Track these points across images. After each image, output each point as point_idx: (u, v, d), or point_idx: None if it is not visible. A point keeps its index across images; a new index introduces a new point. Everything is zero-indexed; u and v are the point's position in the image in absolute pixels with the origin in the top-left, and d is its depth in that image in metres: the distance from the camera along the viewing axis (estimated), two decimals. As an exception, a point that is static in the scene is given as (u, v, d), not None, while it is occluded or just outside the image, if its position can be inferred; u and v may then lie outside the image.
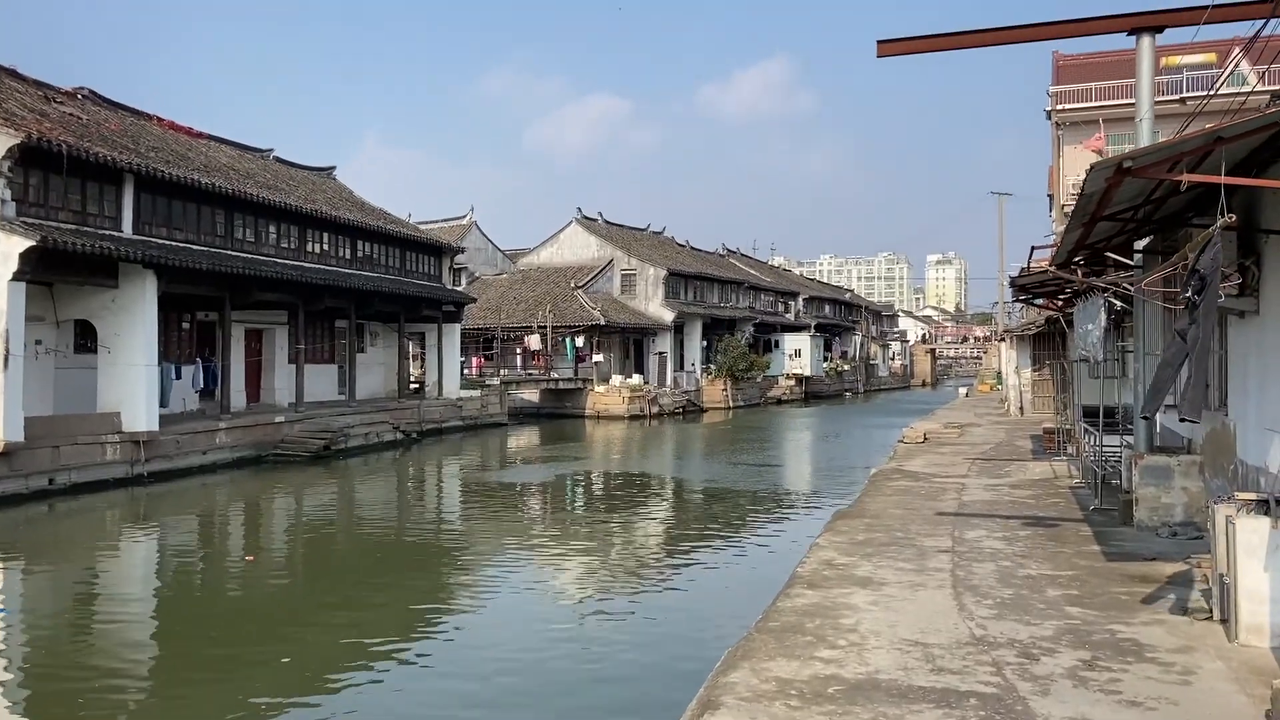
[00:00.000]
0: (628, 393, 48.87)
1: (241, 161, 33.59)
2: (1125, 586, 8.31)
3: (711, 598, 12.32)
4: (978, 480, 15.79)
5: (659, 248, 63.32)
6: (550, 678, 9.20)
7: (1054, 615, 7.37)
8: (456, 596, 13.15)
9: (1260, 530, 6.41)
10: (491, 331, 50.71)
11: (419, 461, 31.14)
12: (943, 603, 7.78)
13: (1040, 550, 9.94)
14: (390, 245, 37.40)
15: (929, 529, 11.23)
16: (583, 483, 25.84)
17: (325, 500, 23.30)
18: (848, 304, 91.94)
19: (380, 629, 11.08)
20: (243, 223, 29.26)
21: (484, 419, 41.62)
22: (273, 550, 17.63)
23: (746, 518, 19.09)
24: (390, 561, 15.77)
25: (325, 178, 39.97)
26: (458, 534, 18.66)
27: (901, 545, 10.24)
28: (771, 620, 7.32)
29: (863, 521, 11.75)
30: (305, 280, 29.96)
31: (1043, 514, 12.29)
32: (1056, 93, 39.86)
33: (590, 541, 16.73)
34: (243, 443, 27.55)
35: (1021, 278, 15.87)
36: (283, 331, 32.88)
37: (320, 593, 13.74)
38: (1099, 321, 12.24)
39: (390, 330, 39.22)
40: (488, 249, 61.19)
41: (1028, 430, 25.82)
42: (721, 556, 14.82)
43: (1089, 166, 6.16)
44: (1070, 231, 8.66)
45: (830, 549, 10.10)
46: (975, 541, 10.43)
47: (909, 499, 13.68)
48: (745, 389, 58.97)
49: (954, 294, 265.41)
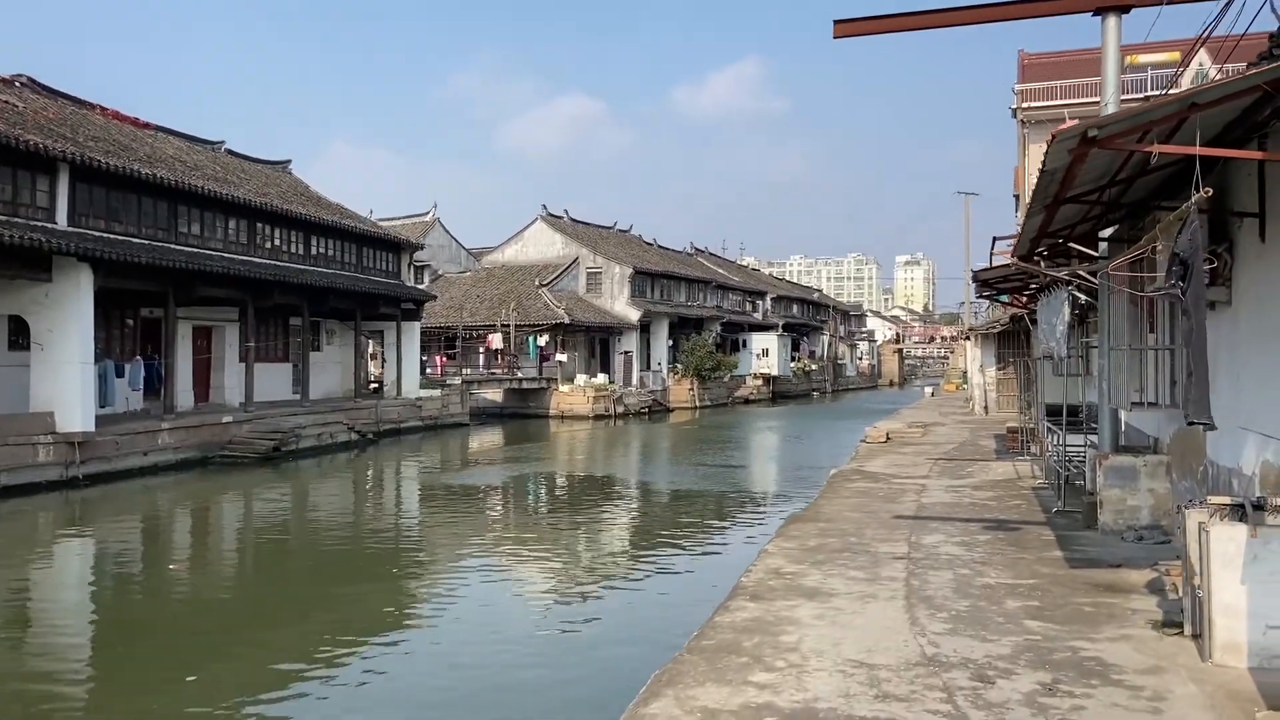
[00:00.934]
0: (592, 392, 48.16)
1: (190, 153, 32.54)
2: (1089, 597, 7.74)
3: (655, 609, 11.57)
4: (939, 481, 15.25)
5: (625, 246, 62.66)
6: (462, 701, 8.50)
7: (1013, 630, 6.78)
8: (398, 610, 12.40)
9: (1237, 538, 5.84)
10: (454, 330, 49.81)
11: (374, 463, 30.26)
12: (894, 616, 7.16)
13: (1000, 556, 9.37)
14: (346, 241, 36.44)
15: (885, 533, 10.64)
16: (542, 486, 25.12)
17: (271, 504, 22.42)
18: (816, 304, 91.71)
19: (304, 648, 10.33)
20: (188, 216, 28.26)
21: (445, 419, 40.74)
22: (206, 557, 16.78)
23: (704, 521, 18.44)
24: (330, 569, 14.99)
25: (280, 171, 38.95)
26: (407, 540, 17.89)
27: (855, 552, 9.63)
28: (706, 638, 6.66)
29: (816, 526, 11.14)
30: (255, 276, 29.00)
31: (1004, 517, 11.74)
32: (1022, 91, 39.63)
33: (544, 549, 16.01)
34: (187, 444, 26.57)
35: (984, 272, 15.35)
36: (233, 329, 31.91)
37: (253, 603, 12.95)
38: (1062, 316, 11.72)
39: (348, 328, 38.27)
40: (451, 246, 60.27)
41: (991, 429, 25.40)
42: (673, 563, 14.09)
43: (1051, 136, 5.56)
44: (1031, 217, 8.09)
45: (779, 556, 9.47)
46: (933, 547, 9.84)
47: (867, 501, 13.10)
48: (712, 389, 58.42)
49: (922, 294, 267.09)
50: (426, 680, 9.07)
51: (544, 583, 13.23)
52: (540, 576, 13.68)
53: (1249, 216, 7.15)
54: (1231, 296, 7.88)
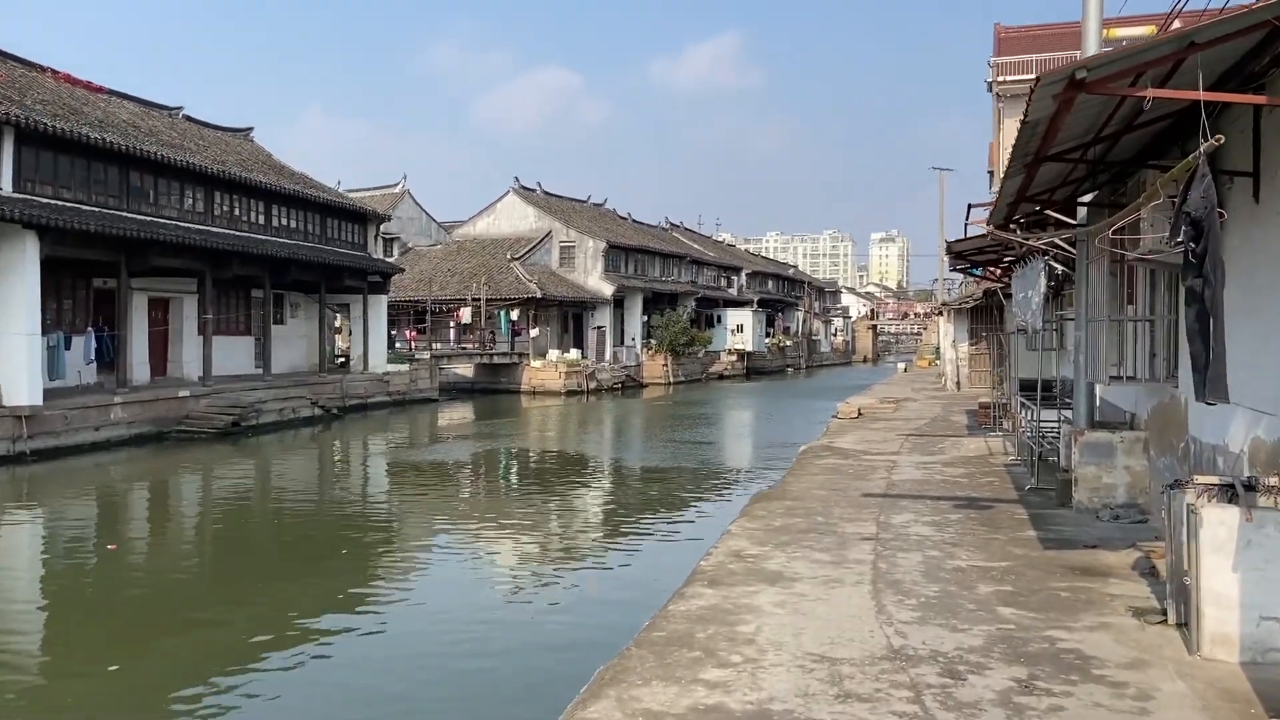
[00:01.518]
0: (565, 368, 47.57)
1: (145, 119, 31.47)
2: (1066, 581, 7.30)
3: (616, 591, 11.03)
4: (909, 458, 14.83)
5: (599, 220, 61.89)
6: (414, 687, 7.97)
7: (985, 618, 6.31)
8: (344, 595, 11.83)
9: (1229, 522, 5.38)
10: (424, 304, 48.97)
11: (337, 439, 29.59)
12: (860, 603, 6.69)
13: (972, 537, 8.92)
14: (310, 211, 35.49)
15: (853, 513, 10.18)
16: (508, 463, 24.56)
17: (227, 480, 21.74)
18: (791, 280, 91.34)
19: (249, 631, 9.76)
20: (141, 183, 27.29)
21: (413, 394, 40.03)
22: (155, 535, 16.13)
23: (672, 499, 17.94)
24: (284, 549, 14.41)
25: (241, 139, 37.87)
26: (365, 519, 17.29)
27: (821, 532, 9.15)
28: (657, 629, 6.15)
29: (782, 504, 10.67)
30: (212, 246, 28.12)
31: (976, 495, 11.32)
32: (998, 64, 39.13)
33: (506, 530, 15.45)
34: (142, 419, 25.76)
35: (958, 243, 14.86)
36: (192, 301, 31.02)
37: (203, 584, 12.33)
38: (1038, 287, 11.24)
39: (313, 301, 37.38)
40: (421, 219, 59.30)
41: (963, 405, 25.07)
42: (637, 544, 13.56)
43: (1035, 79, 5.03)
44: (1010, 178, 7.58)
45: (742, 537, 8.98)
46: (902, 527, 9.39)
47: (836, 479, 12.65)
48: (686, 364, 57.96)
49: (897, 271, 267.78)
50: (362, 673, 8.54)
51: (504, 566, 12.70)
52: (500, 559, 13.15)
53: (1241, 176, 6.67)
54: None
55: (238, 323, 34.69)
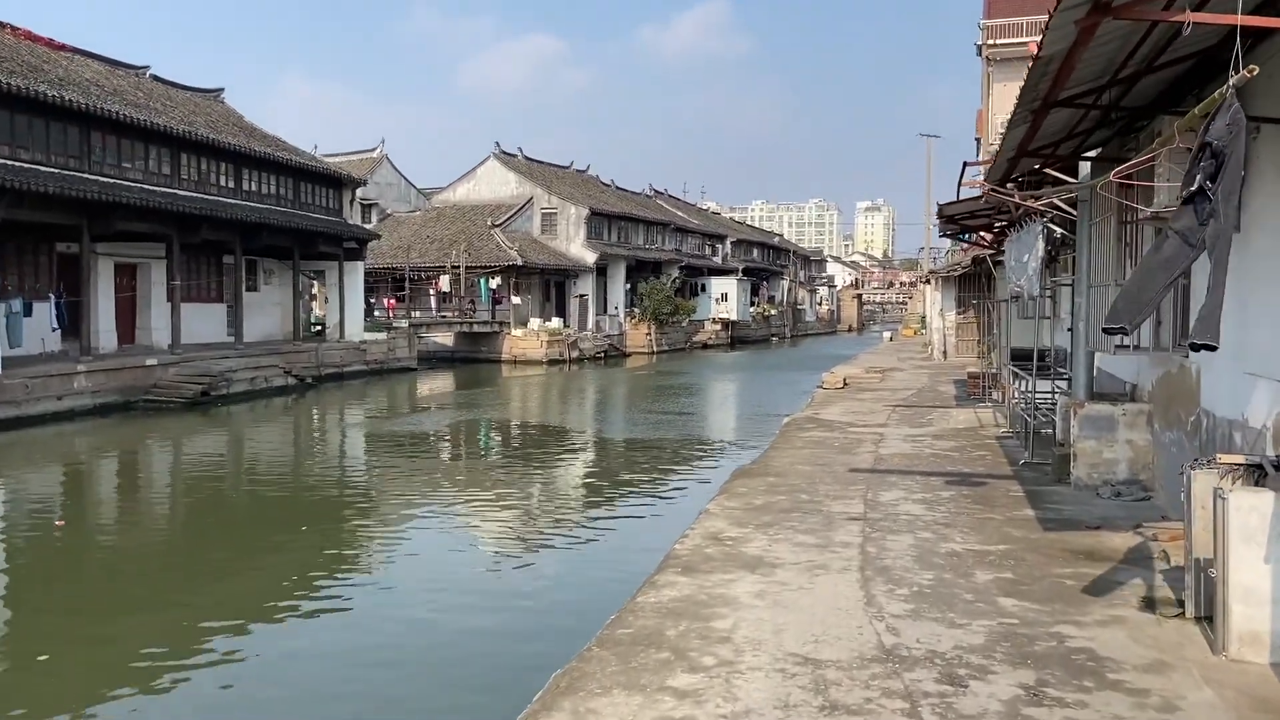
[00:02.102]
0: (546, 336, 46.85)
1: (110, 78, 30.38)
2: (1070, 566, 6.73)
3: (579, 578, 10.32)
4: (897, 430, 14.27)
5: (582, 186, 60.91)
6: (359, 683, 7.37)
7: (985, 611, 5.74)
8: (295, 577, 11.21)
9: (1261, 508, 4.80)
10: (402, 271, 48.04)
11: (310, 409, 28.87)
12: (847, 593, 6.10)
13: (965, 517, 8.35)
14: (282, 174, 34.51)
15: (839, 489, 9.59)
16: (485, 435, 23.91)
17: (194, 451, 21.03)
18: (776, 248, 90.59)
19: (208, 613, 9.13)
20: (104, 144, 26.34)
21: (391, 363, 39.28)
22: (102, 513, 15.44)
23: (651, 473, 17.29)
24: (249, 523, 13.75)
25: (211, 100, 36.76)
26: (333, 493, 16.64)
27: (805, 512, 8.56)
28: (623, 624, 5.55)
29: (765, 481, 10.07)
30: (178, 209, 27.18)
31: (968, 470, 10.76)
32: (988, 26, 38.30)
33: (477, 506, 14.81)
34: (107, 388, 24.97)
35: (950, 206, 14.21)
36: (161, 266, 30.10)
37: (163, 561, 11.67)
38: (1035, 251, 10.63)
39: (287, 268, 36.49)
40: (400, 184, 58.19)
41: (951, 375, 24.55)
42: (612, 524, 12.84)
43: (1055, 4, 4.37)
44: (1014, 127, 6.93)
45: (720, 517, 8.39)
46: (891, 505, 8.81)
47: (821, 452, 12.06)
48: (670, 333, 57.30)
49: (882, 240, 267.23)
50: (315, 663, 7.94)
51: (472, 546, 12.09)
52: (469, 539, 12.54)
53: (1270, 123, 6.04)
54: (1240, 220, 6.78)
55: (209, 289, 33.82)
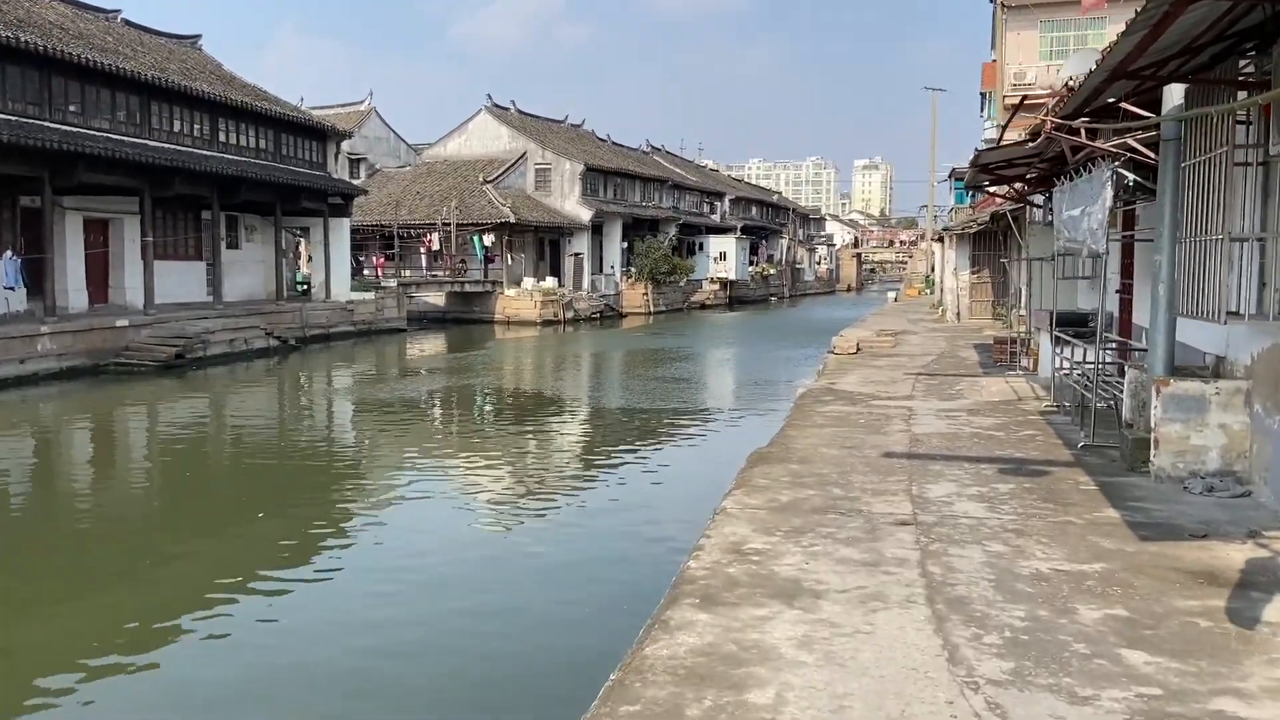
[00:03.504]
0: (540, 297, 45.33)
1: (77, 21, 28.58)
2: (1192, 596, 5.35)
3: (570, 609, 8.59)
4: (926, 403, 12.87)
5: (577, 141, 59.00)
6: None
7: (1112, 674, 4.36)
8: (248, 568, 9.85)
9: None
10: (391, 228, 46.34)
11: (293, 372, 27.43)
12: (920, 641, 4.72)
13: (1038, 519, 6.98)
14: (263, 126, 32.79)
15: (877, 480, 8.21)
16: (471, 406, 22.49)
17: (162, 418, 19.66)
18: (775, 206, 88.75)
19: (172, 594, 7.77)
20: (66, 90, 24.66)
21: (380, 324, 37.81)
22: (54, 485, 14.05)
23: (653, 455, 15.70)
24: (216, 497, 12.39)
25: (187, 47, 34.89)
26: (300, 468, 15.27)
27: (843, 512, 7.18)
28: (627, 698, 4.14)
29: (788, 469, 8.68)
30: (148, 161, 25.55)
31: (1020, 454, 9.38)
32: (1004, -29, 36.31)
33: (448, 500, 13.49)
34: (74, 350, 23.53)
35: (989, 152, 12.69)
36: (134, 222, 28.46)
37: (96, 545, 10.30)
38: (1102, 200, 9.16)
39: (270, 224, 34.85)
40: (390, 139, 56.26)
41: (968, 338, 23.15)
42: (608, 521, 11.24)
43: None
44: (1129, 34, 5.43)
45: (741, 519, 7.00)
46: (944, 504, 7.43)
47: (846, 431, 10.67)
48: (667, 294, 55.77)
49: (880, 199, 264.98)
50: (248, 666, 6.60)
51: (457, 545, 10.76)
52: (455, 535, 11.20)
53: None
54: None
55: (187, 247, 32.23)
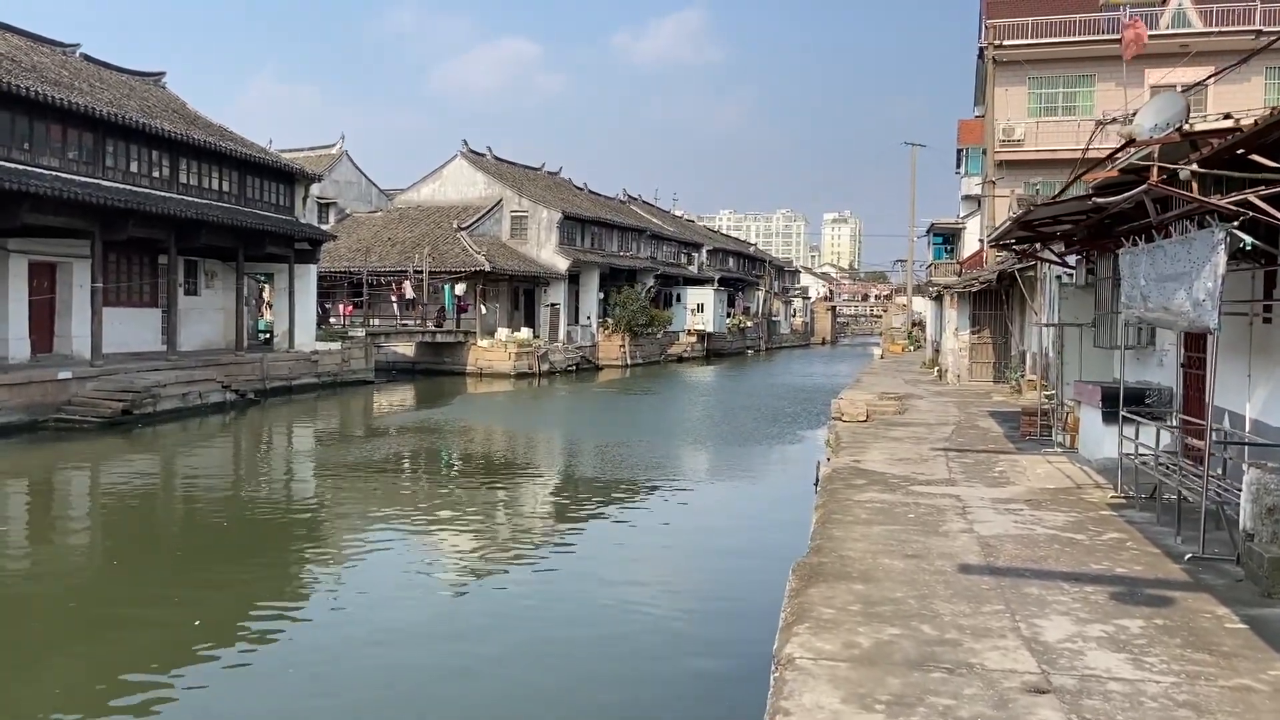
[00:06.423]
0: (515, 348, 43.72)
1: (30, 53, 26.93)
2: None
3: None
4: (973, 489, 11.31)
5: (554, 189, 57.81)
6: None
7: None
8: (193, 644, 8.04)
9: None
10: (360, 276, 44.62)
11: (250, 429, 25.54)
12: None
13: (1205, 683, 5.36)
14: (226, 166, 31.16)
15: (969, 611, 6.58)
16: (427, 475, 20.74)
17: (102, 483, 17.77)
18: (752, 258, 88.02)
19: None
20: (13, 125, 22.93)
21: (346, 376, 35.98)
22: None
23: (663, 562, 13.99)
24: (149, 571, 10.53)
25: (150, 84, 33.30)
26: (244, 543, 13.42)
27: (949, 668, 5.53)
28: None
29: (851, 591, 7.04)
30: (99, 201, 23.81)
31: (1122, 570, 7.80)
32: (993, 26, 35.67)
33: (385, 577, 11.74)
34: (9, 405, 21.59)
35: (1044, 206, 11.26)
36: (84, 266, 26.64)
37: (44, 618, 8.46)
38: (1213, 266, 7.72)
39: (231, 270, 33.05)
40: (361, 183, 54.77)
41: (979, 404, 21.74)
42: (606, 692, 9.66)
43: None
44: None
45: (821, 683, 5.32)
46: (1072, 653, 5.80)
47: (898, 531, 9.07)
48: (644, 345, 54.34)
49: (849, 252, 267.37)
50: None
51: (415, 669, 9.00)
52: (412, 656, 9.46)
53: None
54: None
55: (141, 292, 30.39)
